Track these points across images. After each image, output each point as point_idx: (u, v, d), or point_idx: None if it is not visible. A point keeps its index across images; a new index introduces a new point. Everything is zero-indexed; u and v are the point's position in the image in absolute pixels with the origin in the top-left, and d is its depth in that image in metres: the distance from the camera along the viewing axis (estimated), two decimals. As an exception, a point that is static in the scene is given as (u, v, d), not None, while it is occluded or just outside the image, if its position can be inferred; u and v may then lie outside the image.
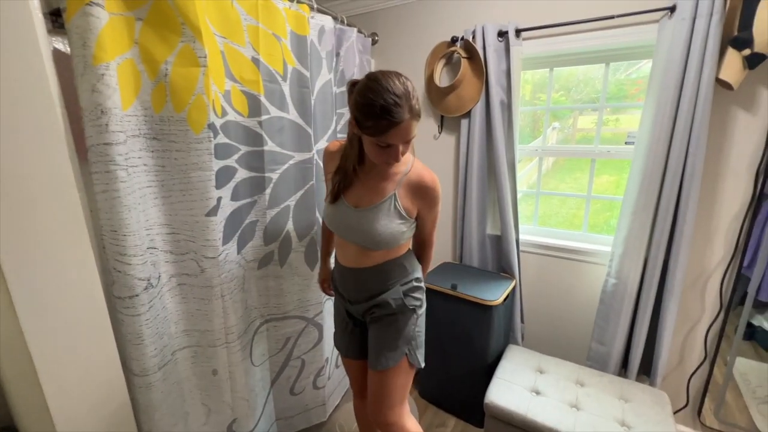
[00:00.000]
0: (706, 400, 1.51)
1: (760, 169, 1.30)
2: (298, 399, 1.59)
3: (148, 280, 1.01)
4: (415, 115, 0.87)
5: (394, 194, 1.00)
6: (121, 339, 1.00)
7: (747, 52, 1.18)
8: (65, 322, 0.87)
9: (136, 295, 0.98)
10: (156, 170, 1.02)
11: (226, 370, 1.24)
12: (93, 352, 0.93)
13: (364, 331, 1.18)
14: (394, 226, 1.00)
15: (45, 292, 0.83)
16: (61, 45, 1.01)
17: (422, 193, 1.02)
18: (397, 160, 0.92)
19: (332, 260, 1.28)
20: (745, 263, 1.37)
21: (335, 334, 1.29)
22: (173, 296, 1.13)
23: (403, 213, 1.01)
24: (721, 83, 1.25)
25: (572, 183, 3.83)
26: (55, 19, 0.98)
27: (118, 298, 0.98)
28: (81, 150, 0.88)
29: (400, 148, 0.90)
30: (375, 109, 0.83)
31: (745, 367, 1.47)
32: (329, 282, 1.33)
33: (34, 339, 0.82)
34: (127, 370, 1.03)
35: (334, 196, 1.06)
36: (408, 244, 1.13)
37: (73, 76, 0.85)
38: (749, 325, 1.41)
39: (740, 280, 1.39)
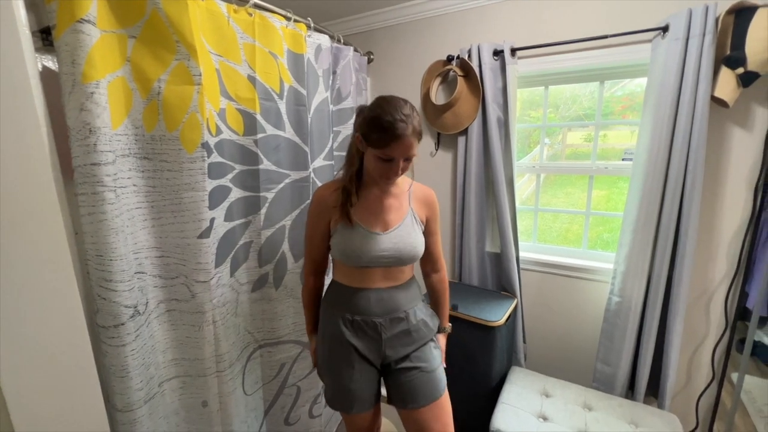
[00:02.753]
0: (716, 421, 1.47)
1: (759, 185, 1.30)
2: (294, 429, 1.50)
3: (135, 307, 0.95)
4: (417, 134, 0.93)
5: (411, 208, 1.07)
6: (104, 372, 0.94)
7: (740, 70, 1.20)
8: (42, 355, 0.80)
9: (122, 324, 0.92)
10: (146, 191, 0.98)
11: (217, 401, 1.16)
12: (72, 387, 0.86)
13: (376, 373, 1.10)
14: (420, 237, 1.07)
15: (21, 322, 0.77)
16: (51, 63, 0.97)
17: (430, 204, 1.12)
18: (396, 175, 0.97)
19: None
20: (748, 279, 1.35)
21: (337, 392, 1.07)
22: (161, 323, 1.06)
23: (421, 224, 1.09)
24: (716, 101, 1.26)
25: (564, 198, 3.87)
26: (46, 37, 0.95)
27: (102, 328, 0.92)
28: (67, 171, 0.84)
29: (401, 164, 0.94)
30: (382, 122, 0.89)
31: (749, 384, 1.43)
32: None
33: (7, 373, 0.75)
34: (110, 405, 0.95)
35: (349, 219, 1.00)
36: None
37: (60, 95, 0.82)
38: (752, 341, 1.39)
39: (743, 295, 1.37)
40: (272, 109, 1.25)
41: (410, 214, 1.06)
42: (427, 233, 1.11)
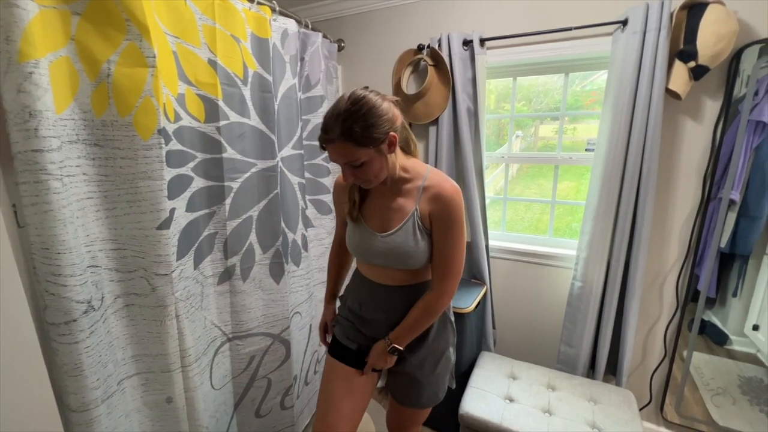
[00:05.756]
0: (667, 395, 1.57)
1: (707, 174, 1.38)
2: (265, 421, 1.49)
3: (89, 302, 0.90)
4: (351, 136, 0.80)
5: (416, 209, 0.93)
6: (55, 371, 0.89)
7: (692, 64, 1.26)
8: (-16, 356, 0.75)
9: (74, 320, 0.87)
10: (98, 180, 0.92)
11: (182, 396, 1.13)
12: (21, 388, 0.81)
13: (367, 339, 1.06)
14: (422, 245, 0.93)
15: (-43, 322, 0.71)
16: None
17: (439, 204, 0.91)
18: (346, 179, 0.90)
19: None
20: (697, 262, 1.44)
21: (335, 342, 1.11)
22: (119, 319, 1.02)
23: (425, 229, 0.93)
24: (670, 93, 1.32)
25: (536, 189, 3.98)
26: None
27: (52, 325, 0.86)
28: (7, 158, 0.78)
29: (350, 169, 0.87)
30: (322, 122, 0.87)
31: (698, 360, 1.55)
32: (331, 324, 1.18)
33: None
34: (63, 406, 0.91)
35: (353, 216, 1.00)
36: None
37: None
38: (700, 320, 1.49)
39: (693, 278, 1.46)
40: (236, 95, 1.20)
41: (413, 218, 0.92)
42: (432, 239, 0.94)
